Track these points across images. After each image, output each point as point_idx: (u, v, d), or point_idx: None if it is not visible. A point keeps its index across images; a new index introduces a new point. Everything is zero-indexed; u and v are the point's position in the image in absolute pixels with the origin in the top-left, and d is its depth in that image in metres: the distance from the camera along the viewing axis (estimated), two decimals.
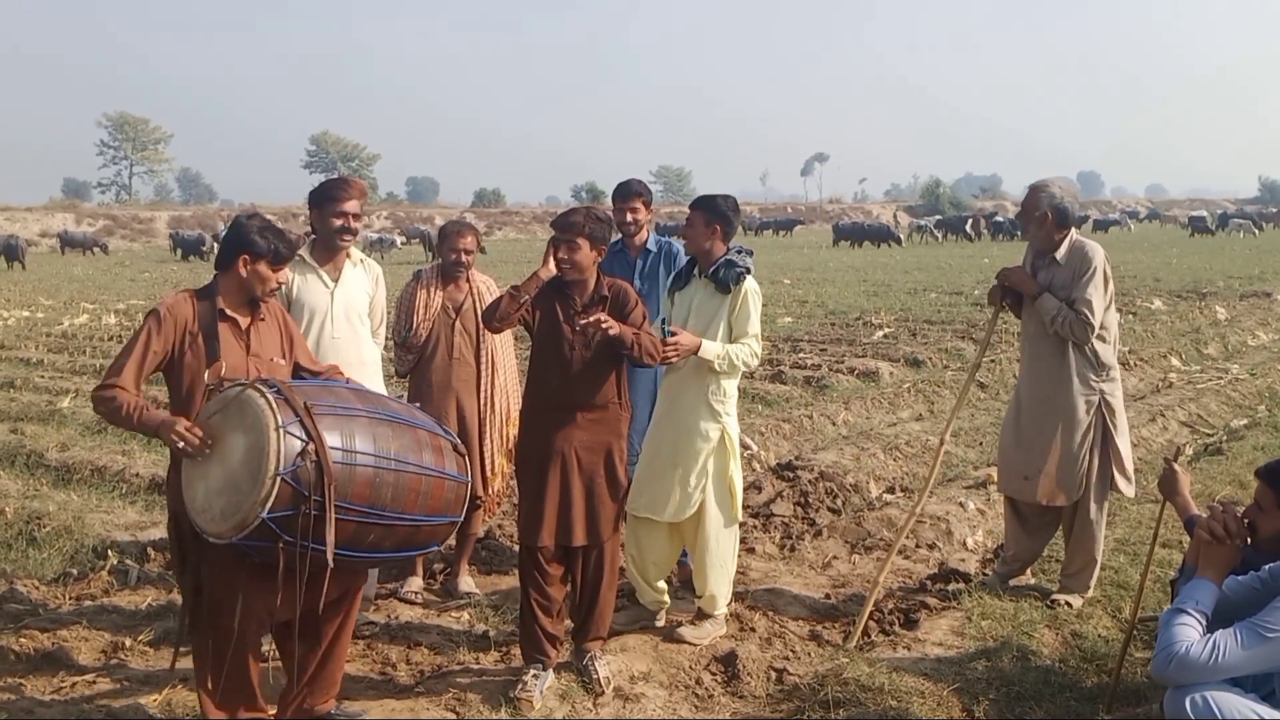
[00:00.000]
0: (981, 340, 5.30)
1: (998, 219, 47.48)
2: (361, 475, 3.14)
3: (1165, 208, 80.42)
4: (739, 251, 4.43)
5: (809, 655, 4.43)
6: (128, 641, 4.45)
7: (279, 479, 2.98)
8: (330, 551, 3.04)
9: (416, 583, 5.07)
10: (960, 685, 4.02)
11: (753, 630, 4.63)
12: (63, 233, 46.09)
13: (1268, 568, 3.17)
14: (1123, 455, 4.78)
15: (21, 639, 4.45)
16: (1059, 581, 4.94)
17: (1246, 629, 2.93)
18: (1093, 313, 4.59)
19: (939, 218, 54.02)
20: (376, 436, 3.21)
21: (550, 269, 3.99)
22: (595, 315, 3.87)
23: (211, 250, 38.39)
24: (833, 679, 4.02)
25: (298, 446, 3.02)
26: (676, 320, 4.46)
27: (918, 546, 5.76)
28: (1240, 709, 2.90)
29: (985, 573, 5.37)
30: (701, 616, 4.56)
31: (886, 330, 14.48)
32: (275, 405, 3.06)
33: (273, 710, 3.54)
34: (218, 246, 3.62)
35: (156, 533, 6.00)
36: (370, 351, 4.65)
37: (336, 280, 4.51)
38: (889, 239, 43.08)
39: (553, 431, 4.00)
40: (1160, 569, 4.78)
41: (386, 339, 5.00)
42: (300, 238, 4.55)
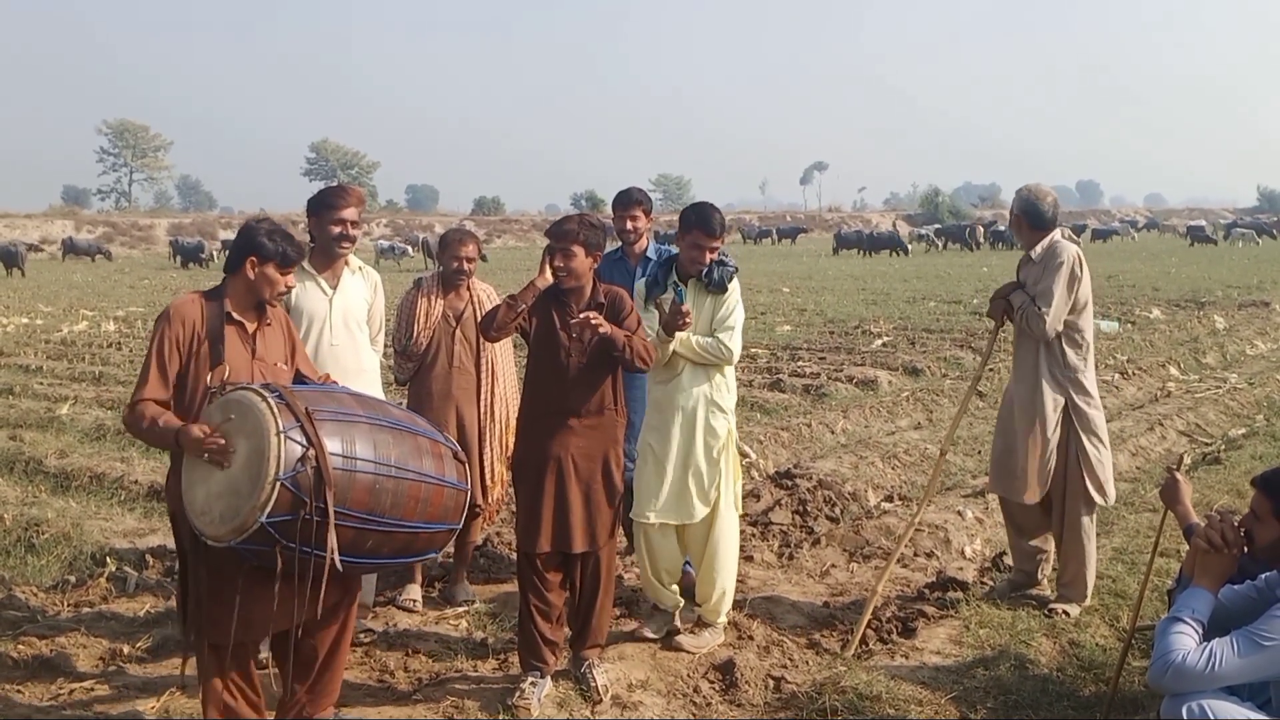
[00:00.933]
0: (983, 353, 5.34)
1: (998, 228, 47.50)
2: (361, 481, 3.14)
3: (1164, 217, 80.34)
4: (722, 254, 4.49)
5: (807, 664, 4.43)
6: (126, 648, 4.45)
7: (279, 483, 2.98)
8: (331, 556, 3.04)
9: (415, 590, 5.07)
10: (958, 694, 4.03)
11: (751, 638, 4.62)
12: (67, 239, 46.17)
13: (1264, 576, 3.18)
14: (1093, 461, 4.77)
15: (19, 646, 4.45)
16: (1056, 590, 4.95)
17: (1243, 637, 2.93)
18: (1049, 305, 4.65)
19: (938, 226, 54.13)
20: (377, 443, 3.22)
21: (547, 278, 4.00)
22: (586, 314, 3.89)
23: (211, 258, 38.48)
24: (830, 687, 4.02)
25: (298, 452, 3.03)
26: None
27: (916, 555, 5.76)
28: (1236, 717, 2.90)
29: (984, 581, 5.38)
30: (701, 625, 4.57)
31: (885, 339, 14.50)
32: (277, 410, 3.06)
33: (272, 716, 3.54)
34: (227, 250, 3.62)
35: (155, 540, 6.00)
36: (369, 359, 4.66)
37: (335, 287, 4.52)
38: (897, 248, 43.46)
39: (550, 438, 4.01)
40: (1159, 578, 4.77)
41: (385, 346, 5.01)
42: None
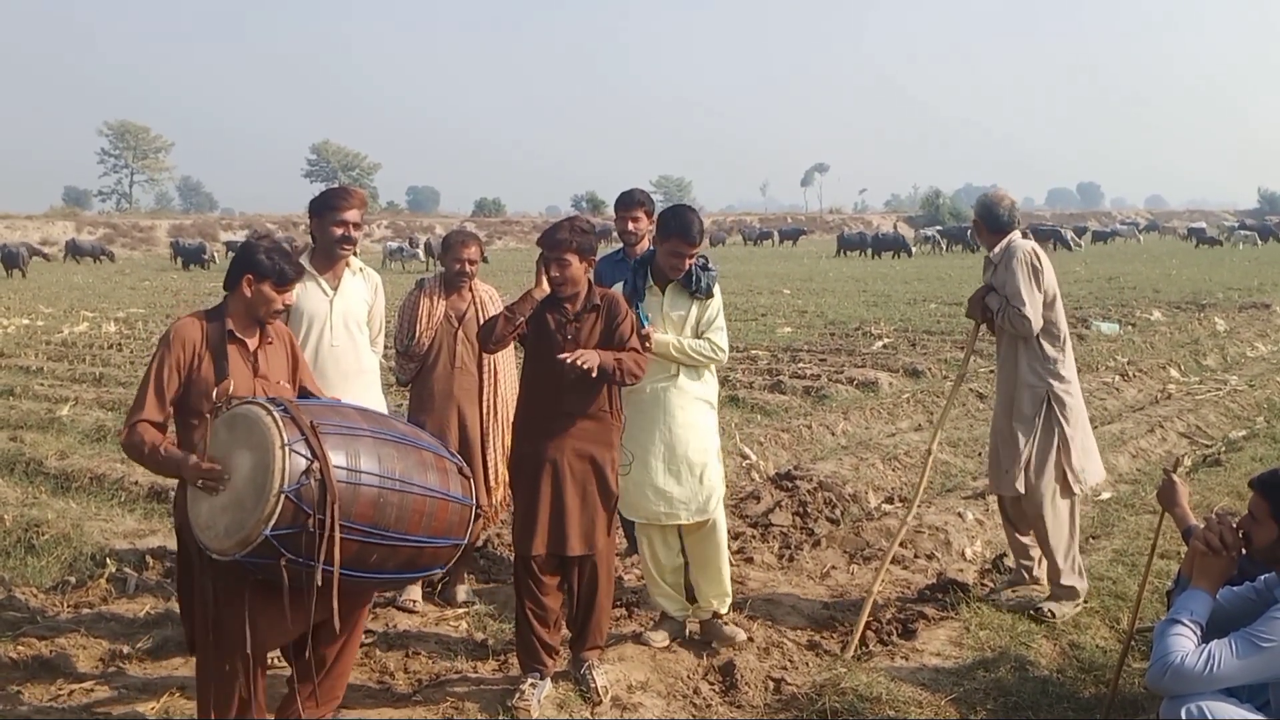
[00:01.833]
0: (965, 350, 5.44)
1: None
2: (366, 495, 3.13)
3: (1165, 219, 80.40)
4: (701, 258, 4.46)
5: (807, 665, 4.43)
6: (126, 649, 4.45)
7: (283, 497, 2.97)
8: (336, 570, 3.03)
9: (415, 591, 5.06)
10: (958, 695, 4.02)
11: (751, 640, 4.62)
12: (70, 241, 46.23)
13: (1263, 578, 3.19)
14: (1072, 449, 4.78)
15: (19, 646, 4.46)
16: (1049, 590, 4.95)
17: (1241, 639, 2.93)
18: (1023, 304, 4.71)
19: (939, 228, 54.13)
20: (381, 457, 3.20)
21: (544, 288, 4.01)
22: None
23: (213, 259, 38.51)
24: (831, 689, 4.02)
25: (303, 465, 3.01)
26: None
27: (916, 557, 5.76)
28: (1235, 718, 2.90)
29: (984, 583, 5.38)
30: (714, 621, 4.57)
31: (886, 340, 14.50)
32: (281, 423, 3.05)
33: (273, 718, 3.54)
34: (230, 252, 3.64)
35: (155, 541, 6.01)
36: (369, 360, 4.66)
37: (336, 289, 4.53)
38: (902, 249, 43.66)
39: (546, 440, 4.01)
40: (1158, 579, 4.77)
41: (386, 347, 5.01)
42: (301, 247, 4.56)
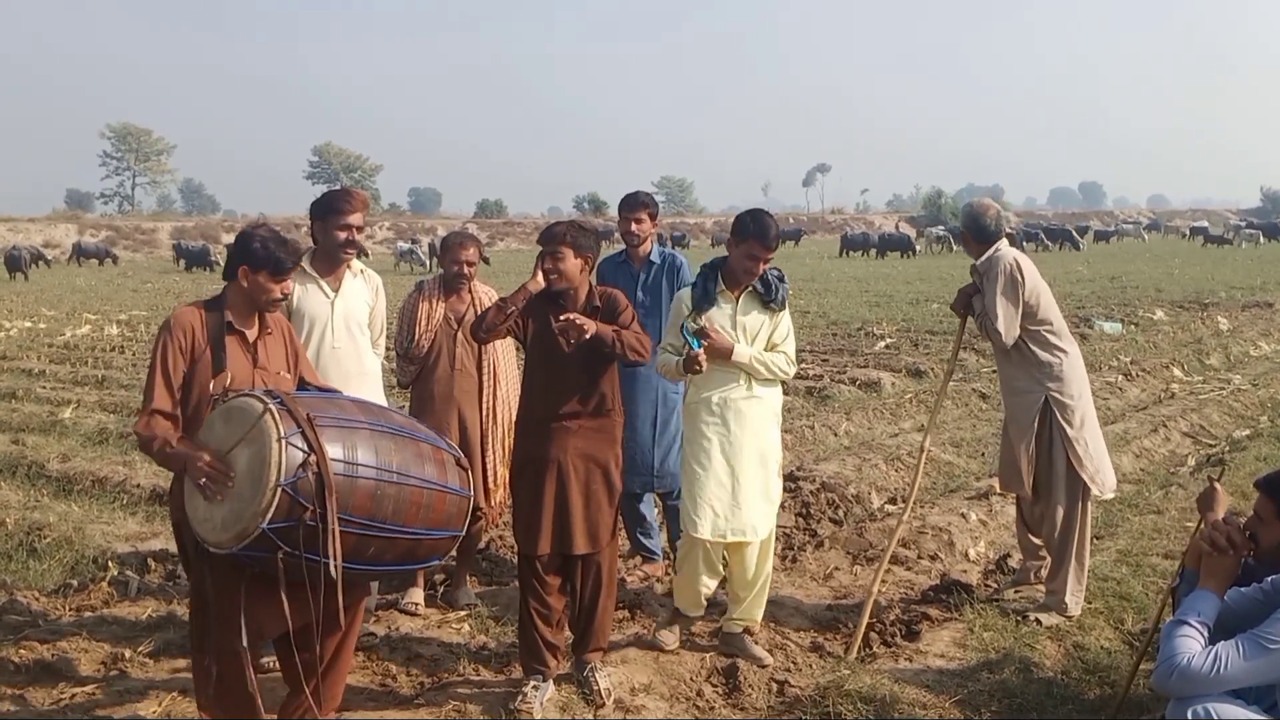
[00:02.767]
0: (954, 343, 5.48)
1: None
2: (363, 487, 3.13)
3: (1167, 218, 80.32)
4: (775, 270, 4.48)
5: (810, 667, 4.42)
6: (128, 653, 4.44)
7: (280, 489, 2.97)
8: (335, 563, 3.03)
9: (417, 594, 5.06)
10: (962, 697, 4.01)
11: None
12: (76, 243, 46.29)
13: (1270, 579, 3.17)
14: (1080, 454, 4.72)
15: (21, 650, 4.45)
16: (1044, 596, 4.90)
17: (1249, 640, 2.92)
18: (995, 317, 4.71)
19: (942, 228, 54.13)
20: (379, 449, 3.21)
21: (539, 282, 4.03)
22: (569, 316, 3.87)
23: (217, 261, 38.55)
24: (834, 691, 4.01)
25: (300, 457, 3.02)
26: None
27: (919, 558, 5.75)
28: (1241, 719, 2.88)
29: (988, 584, 5.36)
30: (746, 636, 4.49)
31: (888, 341, 14.49)
32: (278, 416, 3.05)
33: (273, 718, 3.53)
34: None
35: (157, 544, 6.00)
36: (370, 362, 4.65)
37: (337, 290, 4.52)
38: (908, 249, 43.77)
39: (548, 440, 4.01)
40: (1161, 579, 4.76)
41: (387, 349, 5.00)
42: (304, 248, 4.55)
